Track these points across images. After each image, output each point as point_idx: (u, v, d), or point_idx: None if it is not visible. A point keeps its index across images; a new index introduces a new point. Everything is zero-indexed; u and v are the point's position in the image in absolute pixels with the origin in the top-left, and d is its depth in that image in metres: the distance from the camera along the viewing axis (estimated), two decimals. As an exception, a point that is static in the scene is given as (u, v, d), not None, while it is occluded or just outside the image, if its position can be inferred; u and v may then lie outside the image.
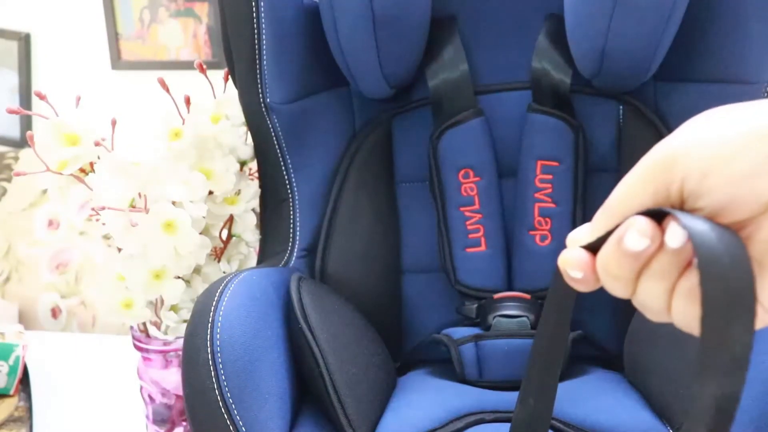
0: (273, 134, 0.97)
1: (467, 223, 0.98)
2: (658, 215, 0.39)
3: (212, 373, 0.78)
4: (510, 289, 0.98)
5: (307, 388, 0.86)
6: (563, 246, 0.99)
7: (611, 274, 0.41)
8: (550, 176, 0.96)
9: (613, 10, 0.86)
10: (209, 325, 0.80)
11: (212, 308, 0.81)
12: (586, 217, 0.97)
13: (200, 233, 0.91)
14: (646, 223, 0.39)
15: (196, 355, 0.79)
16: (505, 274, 0.99)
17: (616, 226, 0.40)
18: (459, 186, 0.98)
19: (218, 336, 0.79)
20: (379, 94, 0.99)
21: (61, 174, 0.89)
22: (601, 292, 1.08)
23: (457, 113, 0.98)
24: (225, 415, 0.77)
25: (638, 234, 0.39)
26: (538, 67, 0.97)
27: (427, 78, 0.99)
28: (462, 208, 0.98)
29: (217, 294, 0.82)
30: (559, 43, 0.96)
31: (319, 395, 0.83)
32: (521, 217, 0.98)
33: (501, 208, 0.99)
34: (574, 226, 0.97)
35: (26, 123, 1.71)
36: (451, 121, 0.97)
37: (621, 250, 0.40)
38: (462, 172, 0.98)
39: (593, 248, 0.42)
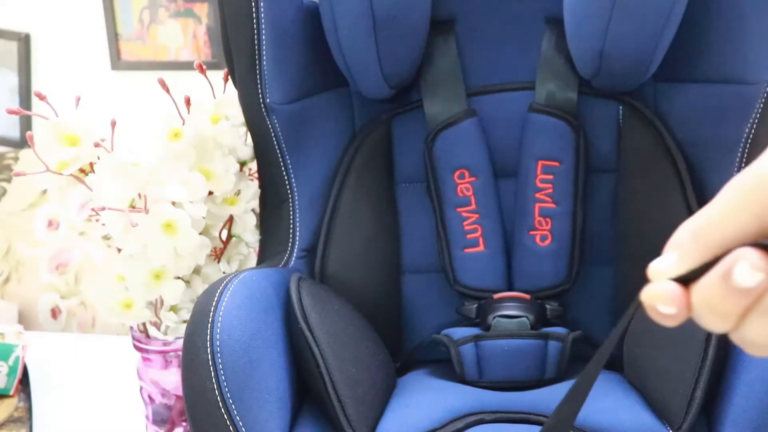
0: (273, 134, 0.97)
1: (464, 223, 0.98)
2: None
3: (212, 373, 0.78)
4: (510, 289, 0.99)
5: (307, 388, 0.86)
6: (563, 246, 1.00)
7: (715, 312, 0.37)
8: (550, 176, 0.96)
9: (611, 11, 0.86)
10: (209, 325, 0.80)
11: (212, 309, 0.81)
12: (587, 218, 0.98)
13: (200, 234, 0.91)
14: (757, 255, 0.35)
15: (195, 356, 0.79)
16: (504, 274, 0.99)
17: (715, 258, 0.37)
18: (455, 187, 0.98)
19: (218, 336, 0.79)
20: (379, 94, 0.99)
21: (60, 174, 0.89)
22: (600, 292, 1.08)
23: (451, 116, 0.98)
24: (225, 416, 0.77)
25: (751, 268, 0.35)
26: (542, 90, 0.97)
27: (420, 83, 0.99)
28: (459, 209, 0.98)
29: (217, 294, 0.82)
30: (563, 52, 0.96)
31: (319, 395, 0.83)
32: (521, 217, 0.98)
33: (498, 208, 0.99)
34: (575, 226, 0.97)
35: (26, 123, 1.71)
36: (444, 123, 0.98)
37: (729, 285, 0.36)
38: (457, 173, 0.98)
39: (684, 280, 0.39)
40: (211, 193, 0.93)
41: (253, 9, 0.92)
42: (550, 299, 0.98)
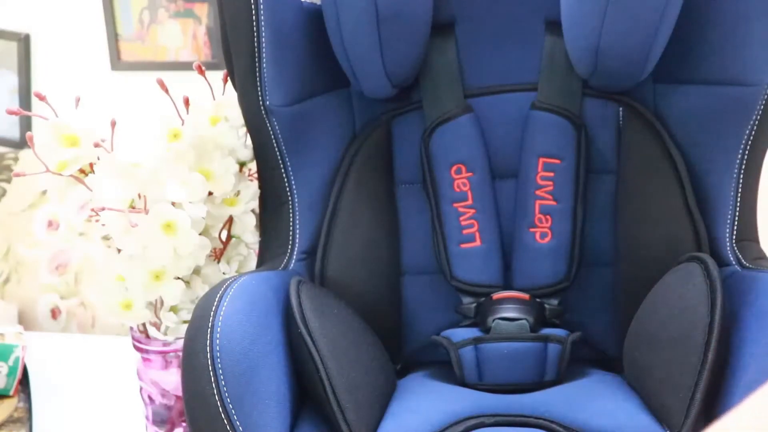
0: (272, 137, 0.96)
1: (461, 218, 0.98)
2: None
3: (212, 378, 0.78)
4: (508, 286, 0.99)
5: (306, 393, 0.86)
6: (563, 244, 1.01)
7: None
8: (551, 173, 0.97)
9: (606, 8, 0.87)
10: (209, 330, 0.80)
11: (212, 313, 0.81)
12: (586, 218, 0.98)
13: (200, 234, 0.91)
14: None
15: (195, 361, 0.79)
16: (501, 269, 0.99)
17: None
18: (452, 182, 0.98)
19: (218, 341, 0.79)
20: (381, 93, 0.99)
21: (60, 175, 0.89)
22: (600, 293, 1.08)
23: (447, 112, 0.98)
24: (225, 420, 0.77)
25: None
26: (545, 90, 0.98)
27: (420, 83, 1.00)
28: (455, 204, 0.98)
29: (217, 299, 0.82)
30: (564, 53, 0.97)
31: (318, 400, 0.83)
32: (521, 214, 0.98)
33: (495, 204, 0.99)
34: (575, 224, 0.97)
35: (26, 124, 1.71)
36: (441, 119, 0.98)
37: None
38: (454, 167, 0.98)
39: None
40: (210, 193, 0.93)
41: (253, 11, 0.92)
42: (549, 297, 0.98)
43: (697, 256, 0.89)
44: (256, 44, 0.93)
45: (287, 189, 0.99)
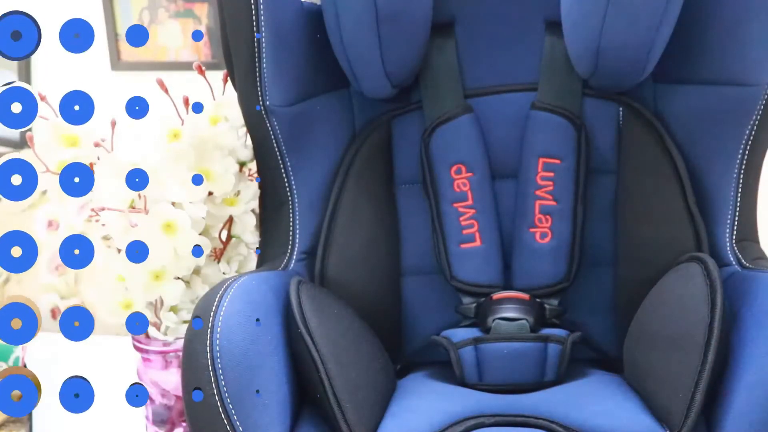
0: (272, 137, 0.97)
1: (461, 218, 0.98)
2: None
3: (212, 378, 0.78)
4: (508, 286, 0.99)
5: (306, 393, 0.86)
6: (563, 244, 1.01)
7: None
8: (551, 174, 0.97)
9: (606, 9, 0.87)
10: (209, 330, 0.80)
11: (212, 314, 0.81)
12: (587, 216, 0.98)
13: (200, 234, 0.91)
14: None
15: (195, 361, 0.79)
16: (501, 270, 0.99)
17: None
18: (452, 182, 0.98)
19: (218, 342, 0.79)
20: (381, 93, 0.99)
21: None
22: (599, 293, 1.08)
23: (447, 112, 0.98)
24: (225, 421, 0.77)
25: None
26: (545, 90, 0.98)
27: (420, 83, 1.00)
28: (455, 204, 0.99)
29: (217, 299, 0.82)
30: (564, 53, 0.97)
31: (319, 400, 0.83)
32: (521, 214, 0.98)
33: (495, 204, 1.00)
34: (575, 224, 0.97)
35: (26, 124, 1.71)
36: (441, 119, 0.98)
37: None
38: (454, 168, 0.98)
39: None
40: (210, 193, 0.93)
41: (253, 11, 0.92)
42: (549, 297, 0.98)
43: (697, 256, 0.89)
44: (256, 44, 0.93)
45: (287, 189, 0.99)
